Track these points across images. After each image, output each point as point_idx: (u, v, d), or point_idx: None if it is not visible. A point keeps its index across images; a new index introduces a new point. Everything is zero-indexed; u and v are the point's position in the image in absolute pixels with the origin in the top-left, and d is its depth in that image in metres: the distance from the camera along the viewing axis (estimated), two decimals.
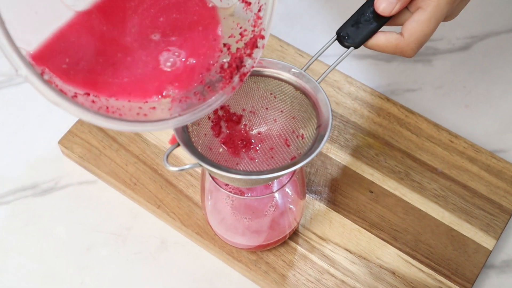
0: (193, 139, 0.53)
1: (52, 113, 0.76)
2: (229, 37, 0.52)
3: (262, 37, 0.51)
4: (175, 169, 0.50)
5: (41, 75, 0.43)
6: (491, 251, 0.66)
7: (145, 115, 0.48)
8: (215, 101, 0.50)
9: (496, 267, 0.68)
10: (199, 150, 0.53)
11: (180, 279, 0.67)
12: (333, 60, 0.65)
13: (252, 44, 0.51)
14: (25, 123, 0.76)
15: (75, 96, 0.46)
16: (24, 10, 0.46)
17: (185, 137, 0.52)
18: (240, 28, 0.52)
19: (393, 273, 0.65)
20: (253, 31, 0.51)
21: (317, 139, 0.52)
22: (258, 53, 0.51)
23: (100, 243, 0.68)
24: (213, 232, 0.66)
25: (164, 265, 0.67)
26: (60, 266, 0.67)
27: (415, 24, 0.53)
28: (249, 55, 0.51)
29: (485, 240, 0.67)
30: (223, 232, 0.64)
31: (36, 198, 0.71)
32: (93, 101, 0.47)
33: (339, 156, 0.71)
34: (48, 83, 0.43)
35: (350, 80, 0.76)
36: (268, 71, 0.55)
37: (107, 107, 0.47)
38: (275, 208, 0.62)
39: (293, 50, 0.78)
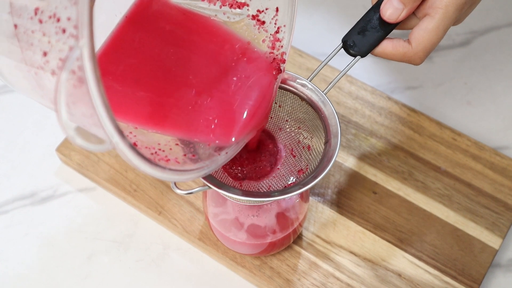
0: None
1: (49, 120, 0.75)
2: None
3: (284, 61, 0.50)
4: (183, 192, 0.50)
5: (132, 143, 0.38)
6: (497, 250, 0.66)
7: (193, 155, 0.46)
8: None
9: (503, 266, 0.68)
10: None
11: (184, 286, 0.66)
12: (335, 60, 0.64)
13: (276, 70, 0.49)
14: (23, 131, 0.75)
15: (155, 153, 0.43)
16: None
17: None
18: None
19: (399, 275, 0.64)
20: (271, 53, 0.50)
21: (325, 156, 0.51)
22: (280, 78, 0.50)
23: (101, 251, 0.67)
24: (215, 237, 0.65)
25: (166, 271, 0.66)
26: (61, 275, 0.66)
27: (423, 32, 0.52)
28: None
29: (491, 239, 0.66)
30: (226, 238, 0.63)
31: (35, 206, 0.70)
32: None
33: (341, 157, 0.71)
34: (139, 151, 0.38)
35: (350, 79, 0.75)
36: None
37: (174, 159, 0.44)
38: (279, 212, 0.61)
39: (292, 50, 0.77)
